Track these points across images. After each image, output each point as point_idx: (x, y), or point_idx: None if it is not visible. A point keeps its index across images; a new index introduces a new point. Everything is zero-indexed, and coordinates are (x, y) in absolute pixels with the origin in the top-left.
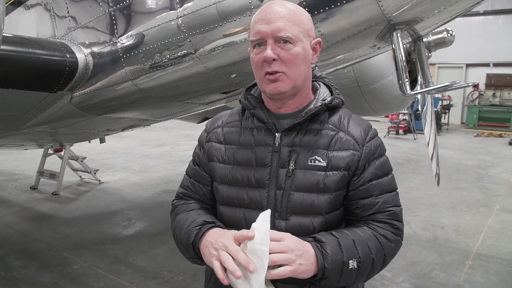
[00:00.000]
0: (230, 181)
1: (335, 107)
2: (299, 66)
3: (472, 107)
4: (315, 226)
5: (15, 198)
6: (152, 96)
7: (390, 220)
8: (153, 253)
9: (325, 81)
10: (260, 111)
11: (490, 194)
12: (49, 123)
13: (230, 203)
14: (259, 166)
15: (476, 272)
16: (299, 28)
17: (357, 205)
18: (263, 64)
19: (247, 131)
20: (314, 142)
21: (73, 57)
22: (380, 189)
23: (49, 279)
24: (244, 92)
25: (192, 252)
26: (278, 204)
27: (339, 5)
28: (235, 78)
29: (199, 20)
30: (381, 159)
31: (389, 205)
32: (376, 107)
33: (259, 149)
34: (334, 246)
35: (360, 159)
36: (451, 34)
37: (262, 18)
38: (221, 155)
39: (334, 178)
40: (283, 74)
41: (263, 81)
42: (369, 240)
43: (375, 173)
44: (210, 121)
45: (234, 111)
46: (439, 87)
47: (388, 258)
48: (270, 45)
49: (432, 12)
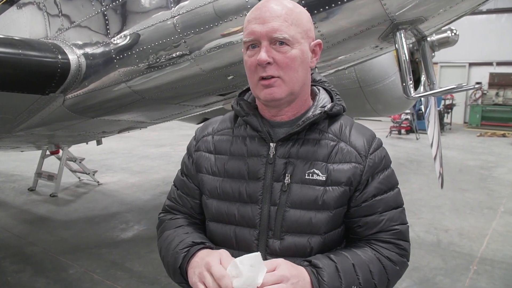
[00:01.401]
0: (220, 195)
1: (335, 115)
2: (296, 70)
3: (475, 107)
4: (313, 246)
5: (12, 200)
6: (146, 98)
7: (395, 240)
8: (151, 257)
9: (325, 86)
10: (254, 118)
11: (494, 195)
12: (42, 126)
13: (220, 219)
14: (252, 179)
15: (481, 277)
16: (297, 28)
17: (359, 223)
18: (256, 67)
19: (239, 140)
20: (313, 153)
21: (65, 58)
22: (385, 205)
23: (44, 284)
24: (236, 97)
25: (179, 277)
26: (272, 221)
27: (340, 4)
28: (232, 80)
29: (195, 20)
30: (386, 172)
31: (395, 223)
32: (378, 108)
33: (251, 160)
34: (332, 272)
35: (363, 172)
36: (455, 33)
37: (256, 17)
38: (211, 166)
39: (334, 194)
40: (278, 79)
41: (257, 87)
42: (371, 263)
43: (380, 187)
44: (199, 128)
45: (225, 117)
46: (445, 90)
47: (392, 282)
48: (265, 47)
49: (437, 11)
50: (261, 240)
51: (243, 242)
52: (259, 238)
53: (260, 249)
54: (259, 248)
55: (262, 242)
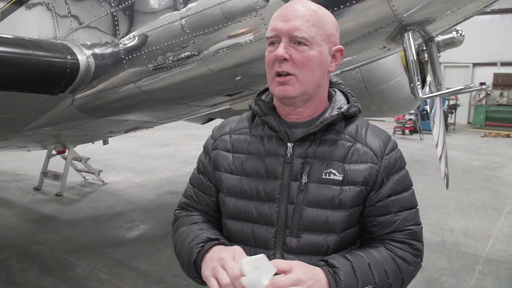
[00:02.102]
0: (237, 193)
1: (351, 116)
2: (312, 71)
3: (479, 107)
4: (329, 244)
5: (18, 199)
6: (155, 99)
7: (409, 240)
8: (156, 256)
9: (341, 88)
10: (272, 118)
11: (499, 196)
12: (50, 126)
13: (237, 217)
14: (269, 178)
15: (487, 277)
16: (319, 31)
17: (373, 223)
18: (274, 63)
19: (257, 140)
20: (330, 153)
21: (74, 58)
22: (400, 205)
23: (50, 283)
24: (254, 97)
25: (193, 271)
26: (289, 220)
27: (348, 6)
28: (240, 81)
29: (203, 21)
30: (401, 173)
31: (409, 223)
32: (383, 108)
33: (269, 159)
34: (348, 271)
35: (378, 173)
36: (460, 34)
37: (281, 15)
38: (229, 164)
39: (351, 194)
40: (293, 78)
41: (272, 82)
42: (386, 263)
43: (394, 188)
44: (217, 128)
45: (243, 117)
46: (453, 91)
47: (406, 282)
48: (284, 43)
49: (444, 12)
50: (278, 237)
51: (260, 240)
52: (276, 236)
53: (277, 246)
54: (276, 245)
55: (279, 239)
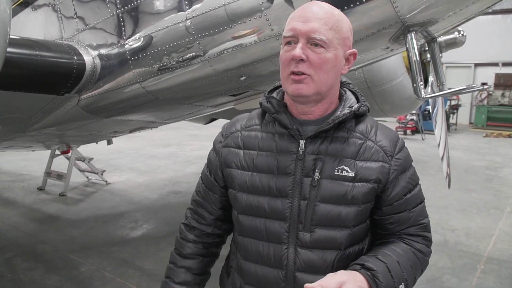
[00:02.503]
0: (249, 188)
1: (361, 115)
2: (327, 72)
3: (480, 107)
4: (342, 239)
5: (22, 199)
6: (160, 99)
7: (423, 233)
8: (160, 255)
9: (350, 88)
10: (284, 115)
11: (501, 196)
12: (56, 126)
13: (250, 212)
14: (281, 175)
15: (488, 276)
16: (336, 34)
17: (390, 220)
18: (290, 62)
19: (268, 137)
20: (341, 150)
21: (80, 59)
22: (414, 202)
23: (56, 282)
24: (265, 95)
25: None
26: (302, 215)
27: (352, 7)
28: (245, 81)
29: (209, 22)
30: (411, 170)
31: (421, 217)
32: (385, 108)
33: (281, 156)
34: (386, 273)
35: (390, 171)
36: (462, 34)
37: (300, 15)
38: (240, 160)
39: (363, 190)
40: (308, 77)
41: (287, 80)
42: (410, 259)
43: (408, 186)
44: (226, 125)
45: (253, 114)
46: (455, 91)
47: (423, 272)
48: (302, 44)
49: (447, 14)
50: (291, 232)
51: (273, 234)
52: (289, 231)
53: (290, 241)
54: (289, 240)
55: (292, 234)
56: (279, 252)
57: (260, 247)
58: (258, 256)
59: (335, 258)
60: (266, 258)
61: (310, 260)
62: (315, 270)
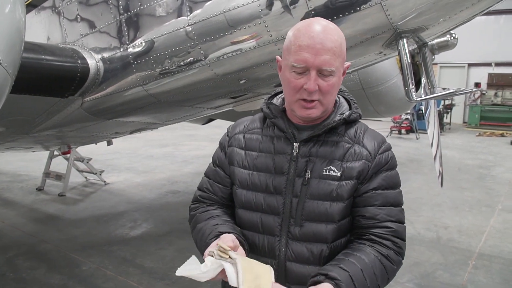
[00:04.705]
0: (249, 186)
1: (352, 121)
2: (333, 94)
3: (474, 107)
4: (328, 232)
5: (21, 199)
6: (161, 101)
7: (392, 237)
8: (160, 254)
9: (344, 95)
10: (281, 120)
11: (493, 194)
12: (59, 127)
13: (248, 207)
14: (278, 174)
15: (479, 272)
16: (339, 58)
17: (359, 213)
18: (301, 89)
19: (268, 139)
20: (331, 153)
21: (84, 63)
22: (384, 200)
23: (58, 280)
24: (266, 101)
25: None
26: (294, 211)
27: (347, 14)
28: (244, 84)
29: (209, 28)
30: (390, 172)
31: (392, 218)
32: (380, 109)
33: (278, 157)
34: (349, 282)
35: (369, 168)
36: (454, 37)
37: (309, 46)
38: (242, 160)
39: (347, 187)
40: (318, 102)
41: (295, 104)
42: (375, 267)
43: (381, 183)
44: (231, 126)
45: (255, 118)
46: (445, 94)
47: (390, 280)
48: (313, 77)
49: (437, 20)
50: (284, 226)
51: (268, 227)
52: (282, 224)
53: (282, 233)
54: (281, 233)
55: (285, 228)
56: (272, 244)
57: (256, 239)
58: (254, 247)
59: (322, 250)
60: (261, 248)
61: (299, 252)
62: (304, 261)
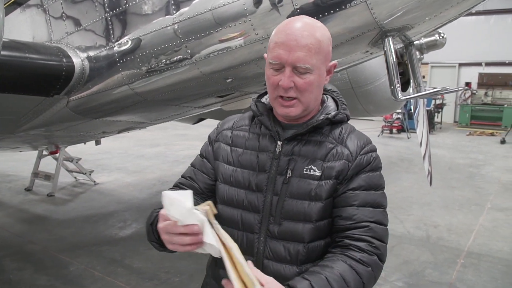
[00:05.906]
0: (232, 182)
1: (338, 122)
2: (312, 92)
3: (464, 106)
4: (305, 232)
5: (9, 200)
6: (148, 100)
7: (368, 238)
8: (149, 254)
9: (333, 95)
10: (266, 118)
11: (482, 193)
12: (45, 127)
13: (230, 203)
14: (260, 172)
15: (468, 270)
16: (319, 56)
17: (337, 213)
18: (278, 86)
19: (254, 137)
20: (313, 152)
21: (69, 61)
22: (362, 200)
23: (45, 281)
24: (254, 99)
25: (151, 235)
26: (274, 209)
27: (332, 13)
28: (231, 83)
29: (195, 26)
30: (372, 173)
31: (370, 219)
32: (369, 108)
33: (262, 155)
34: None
35: (349, 169)
36: (442, 36)
37: (284, 43)
38: (227, 156)
39: (326, 187)
40: (296, 100)
41: (275, 101)
42: (344, 273)
43: (360, 184)
44: (221, 122)
45: (245, 115)
46: (430, 93)
47: (369, 285)
48: (288, 73)
49: (423, 19)
50: (263, 224)
51: (248, 225)
52: (261, 222)
53: (261, 231)
54: (260, 230)
55: (264, 226)
56: (251, 241)
57: (235, 235)
58: None
59: (299, 250)
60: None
61: (276, 250)
62: (280, 259)
